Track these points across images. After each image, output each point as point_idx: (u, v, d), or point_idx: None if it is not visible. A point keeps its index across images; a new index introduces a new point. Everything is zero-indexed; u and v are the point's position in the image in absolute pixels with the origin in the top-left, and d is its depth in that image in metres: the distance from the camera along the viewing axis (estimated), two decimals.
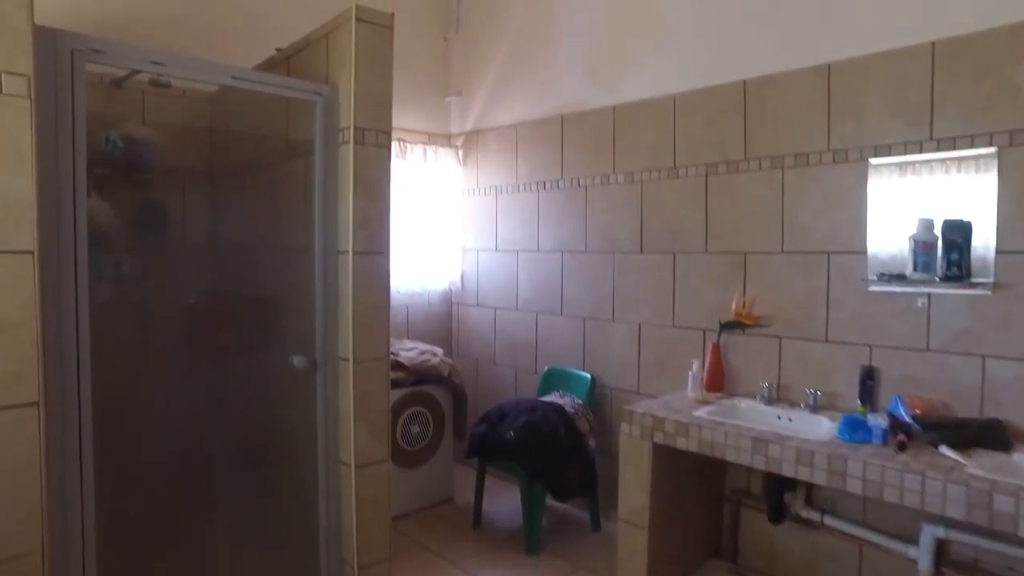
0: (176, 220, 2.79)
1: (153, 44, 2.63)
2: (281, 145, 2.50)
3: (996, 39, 2.12)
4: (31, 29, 1.46)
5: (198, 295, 2.67)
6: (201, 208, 2.82)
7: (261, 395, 2.47)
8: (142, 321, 2.68)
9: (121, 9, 2.76)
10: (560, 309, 3.50)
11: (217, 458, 2.54)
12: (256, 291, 2.56)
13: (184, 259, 2.72)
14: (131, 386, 2.51)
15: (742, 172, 2.75)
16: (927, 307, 2.31)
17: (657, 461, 2.48)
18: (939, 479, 1.78)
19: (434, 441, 3.41)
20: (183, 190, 2.85)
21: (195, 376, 2.61)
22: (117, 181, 2.62)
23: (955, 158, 2.24)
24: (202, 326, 2.62)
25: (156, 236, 2.76)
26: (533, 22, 3.60)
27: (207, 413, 2.56)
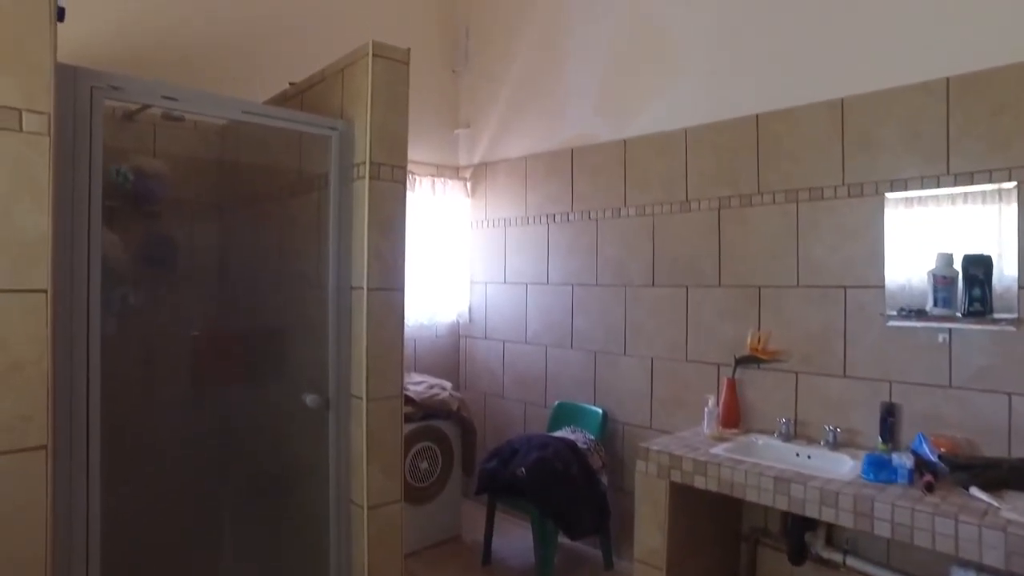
0: (185, 253, 2.77)
1: (169, 77, 2.67)
2: (294, 178, 2.48)
3: (1012, 75, 2.12)
4: (54, 68, 1.45)
5: (207, 329, 2.63)
6: (211, 241, 2.80)
7: (272, 432, 2.42)
8: (150, 355, 2.63)
9: (138, 43, 2.77)
10: (570, 343, 3.46)
11: (227, 497, 2.48)
12: (267, 326, 2.53)
13: (193, 292, 2.69)
14: (138, 422, 2.46)
15: (755, 206, 2.74)
16: (948, 343, 2.27)
17: (674, 500, 2.42)
18: (974, 524, 1.73)
19: (442, 477, 3.35)
20: (193, 222, 2.84)
21: (204, 412, 2.56)
22: (126, 214, 2.61)
23: (973, 192, 2.23)
24: (211, 360, 2.58)
25: (165, 269, 2.73)
26: (542, 55, 3.63)
27: (217, 450, 2.51)
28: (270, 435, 2.43)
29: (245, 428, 2.50)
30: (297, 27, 3.25)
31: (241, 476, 2.50)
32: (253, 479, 2.50)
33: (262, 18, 3.17)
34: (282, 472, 2.38)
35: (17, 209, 1.42)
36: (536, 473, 2.84)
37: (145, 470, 2.33)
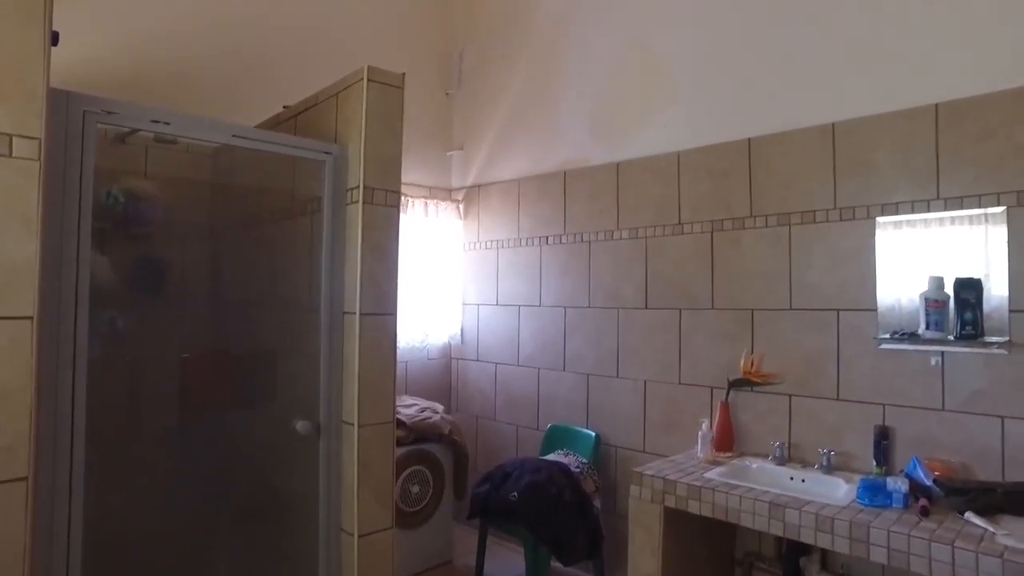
0: (176, 276, 2.74)
1: (164, 99, 2.68)
2: (286, 201, 2.48)
3: (998, 102, 2.15)
4: (46, 93, 1.44)
5: (197, 354, 2.60)
6: (203, 264, 2.78)
7: (262, 459, 2.38)
8: (138, 379, 2.60)
9: (133, 66, 2.78)
10: (563, 365, 3.45)
11: (215, 525, 2.43)
12: (258, 351, 2.50)
13: (184, 316, 2.66)
14: (125, 447, 2.42)
15: (748, 229, 2.75)
16: (941, 366, 2.28)
17: (668, 525, 2.40)
18: (971, 550, 1.72)
19: (434, 501, 3.31)
20: (184, 245, 2.82)
21: (193, 438, 2.52)
22: (117, 236, 2.59)
23: (963, 216, 2.25)
24: (201, 386, 2.54)
25: (155, 292, 2.71)
26: (536, 78, 3.66)
27: (205, 477, 2.46)
28: (260, 462, 2.39)
29: (235, 455, 2.45)
30: (292, 50, 3.27)
31: (230, 503, 2.46)
32: (242, 507, 2.46)
33: (257, 41, 3.19)
34: (272, 499, 2.34)
35: (5, 236, 1.40)
36: (528, 497, 2.81)
37: (131, 497, 2.28)
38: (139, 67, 2.80)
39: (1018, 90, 2.11)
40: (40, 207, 1.45)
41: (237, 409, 2.49)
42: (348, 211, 2.09)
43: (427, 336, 3.84)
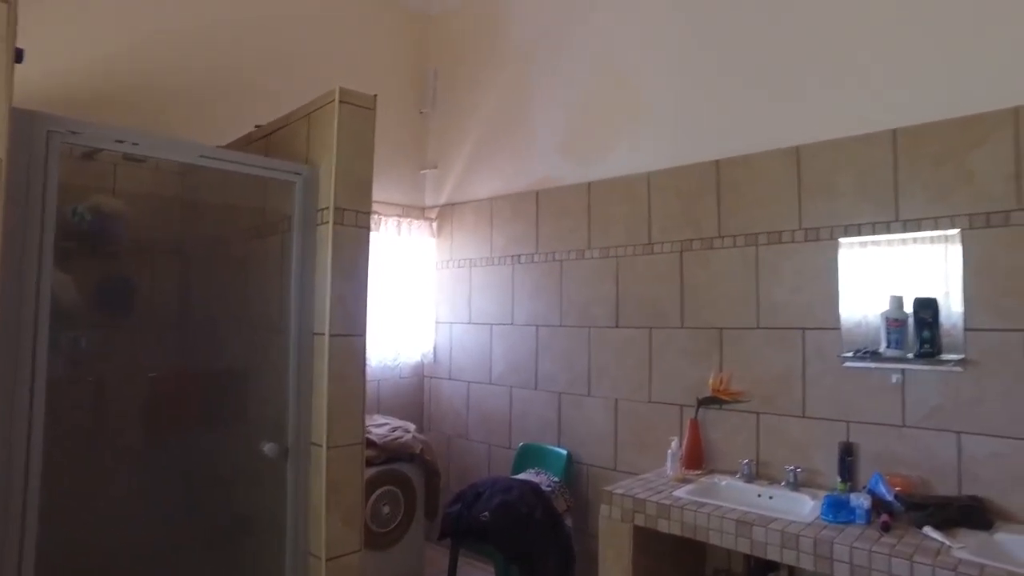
0: (144, 295, 2.71)
1: (133, 118, 2.66)
2: (257, 221, 2.46)
3: (950, 129, 2.23)
4: (8, 113, 1.43)
5: (164, 374, 2.56)
6: (171, 283, 2.74)
7: (229, 482, 2.34)
8: (103, 400, 2.55)
9: (102, 84, 2.76)
10: (535, 383, 3.46)
11: (178, 549, 2.38)
12: (226, 372, 2.47)
13: (151, 336, 2.62)
14: (85, 468, 2.37)
15: (717, 249, 2.80)
16: (902, 383, 2.33)
17: (638, 544, 2.41)
18: (928, 564, 1.76)
19: (405, 521, 3.28)
20: (153, 264, 2.79)
21: (158, 460, 2.48)
22: (83, 254, 2.55)
23: (921, 238, 2.32)
24: (167, 407, 2.50)
25: (122, 311, 2.67)
26: (509, 98, 3.70)
27: (169, 499, 2.42)
28: (227, 484, 2.36)
29: (201, 477, 2.42)
30: (265, 69, 3.27)
31: (196, 527, 2.41)
32: (208, 530, 2.42)
33: (230, 61, 3.19)
34: (238, 523, 2.31)
35: None
36: (500, 517, 2.80)
37: (92, 520, 2.23)
38: (109, 86, 2.78)
39: (967, 118, 2.20)
40: (0, 228, 1.43)
41: (204, 430, 2.45)
42: (318, 232, 2.10)
43: (399, 355, 3.83)
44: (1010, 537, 1.95)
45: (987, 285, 2.17)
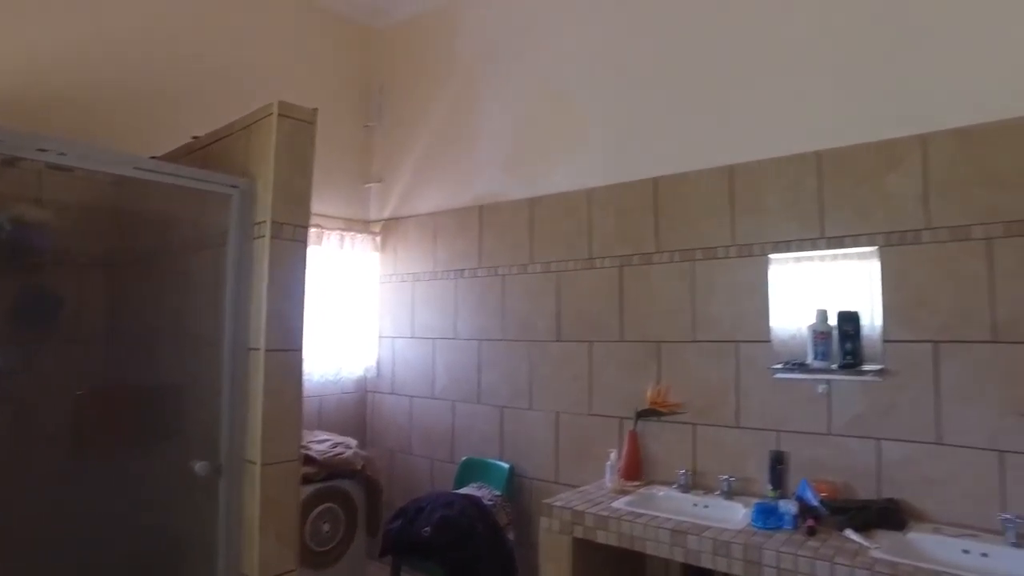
0: (71, 308, 2.61)
1: (66, 126, 2.57)
2: (192, 233, 2.41)
3: (868, 152, 2.37)
4: None
5: (91, 392, 2.47)
6: (100, 296, 2.65)
7: (156, 502, 2.26)
8: (23, 420, 2.44)
9: (34, 91, 2.67)
10: (477, 397, 3.47)
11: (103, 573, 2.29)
12: (157, 387, 2.39)
13: (77, 352, 2.52)
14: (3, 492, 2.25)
15: (655, 264, 2.88)
16: (828, 393, 2.44)
17: (577, 555, 2.43)
18: (847, 565, 1.84)
19: (346, 539, 3.23)
20: (81, 277, 2.69)
21: (80, 483, 2.37)
22: (1, 266, 2.45)
23: (845, 256, 2.44)
24: (92, 426, 2.40)
25: (44, 326, 2.56)
26: (454, 114, 3.73)
27: (93, 521, 2.32)
28: (155, 505, 2.28)
29: (128, 498, 2.33)
30: (206, 80, 3.22)
31: (121, 550, 2.32)
32: (135, 553, 2.33)
33: (170, 69, 3.13)
34: (167, 544, 2.23)
35: None
36: (441, 532, 2.79)
37: (10, 544, 2.12)
38: (41, 93, 2.70)
39: (883, 142, 2.34)
40: None
41: (132, 449, 2.37)
42: (255, 245, 2.07)
43: (341, 369, 3.78)
44: (920, 536, 2.07)
45: (901, 299, 2.30)
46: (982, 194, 2.17)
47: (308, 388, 3.49)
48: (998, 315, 2.14)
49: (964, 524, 2.13)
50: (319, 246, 3.65)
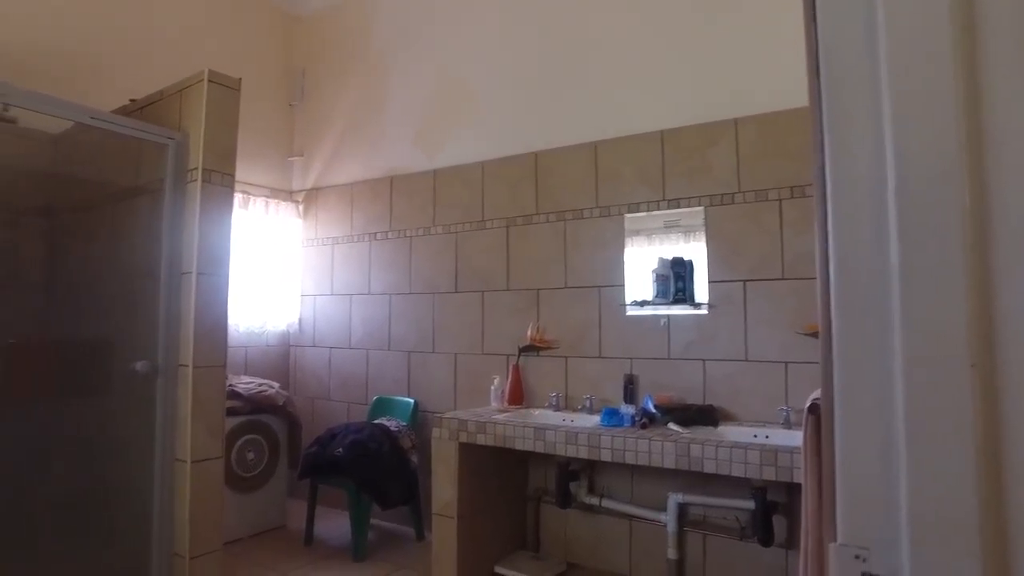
0: (7, 252, 2.90)
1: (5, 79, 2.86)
2: (129, 182, 2.77)
3: (697, 132, 2.97)
4: None
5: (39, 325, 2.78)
6: (40, 245, 2.96)
7: (103, 400, 2.61)
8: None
9: None
10: (388, 345, 3.93)
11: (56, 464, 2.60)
12: (104, 306, 2.72)
13: (22, 291, 2.83)
14: None
15: (535, 224, 3.42)
16: (668, 326, 3.03)
17: (463, 458, 2.93)
18: (659, 440, 2.41)
19: (268, 468, 3.62)
20: (16, 228, 2.98)
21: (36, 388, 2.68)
22: None
23: (681, 214, 3.03)
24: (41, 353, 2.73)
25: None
26: (368, 96, 4.18)
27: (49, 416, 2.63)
28: (102, 403, 2.63)
29: (79, 397, 2.66)
30: (143, 49, 3.54)
31: (68, 445, 2.66)
32: (81, 448, 2.67)
33: (106, 36, 3.42)
34: (113, 434, 2.59)
35: None
36: (351, 452, 3.24)
37: None
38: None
39: (706, 124, 2.94)
40: None
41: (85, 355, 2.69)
42: (188, 189, 2.48)
43: (266, 324, 4.16)
44: (726, 428, 2.67)
45: (721, 248, 2.91)
46: (776, 165, 2.79)
47: (235, 338, 3.88)
48: (787, 258, 2.77)
49: (761, 420, 2.75)
50: (246, 210, 4.03)
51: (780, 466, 2.18)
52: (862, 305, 0.50)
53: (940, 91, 0.51)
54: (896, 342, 0.49)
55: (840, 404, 0.51)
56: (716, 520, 2.81)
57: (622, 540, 3.07)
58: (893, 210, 0.51)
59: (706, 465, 2.30)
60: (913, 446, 0.51)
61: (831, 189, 0.52)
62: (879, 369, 0.51)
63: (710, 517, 2.82)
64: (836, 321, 0.51)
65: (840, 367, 0.51)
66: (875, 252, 0.50)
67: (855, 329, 0.51)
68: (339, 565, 3.18)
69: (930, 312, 0.49)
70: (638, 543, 3.03)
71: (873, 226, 0.51)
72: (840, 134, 0.54)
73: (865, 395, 0.51)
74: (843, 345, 0.51)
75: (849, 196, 0.52)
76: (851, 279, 0.51)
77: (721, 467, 2.28)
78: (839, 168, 0.53)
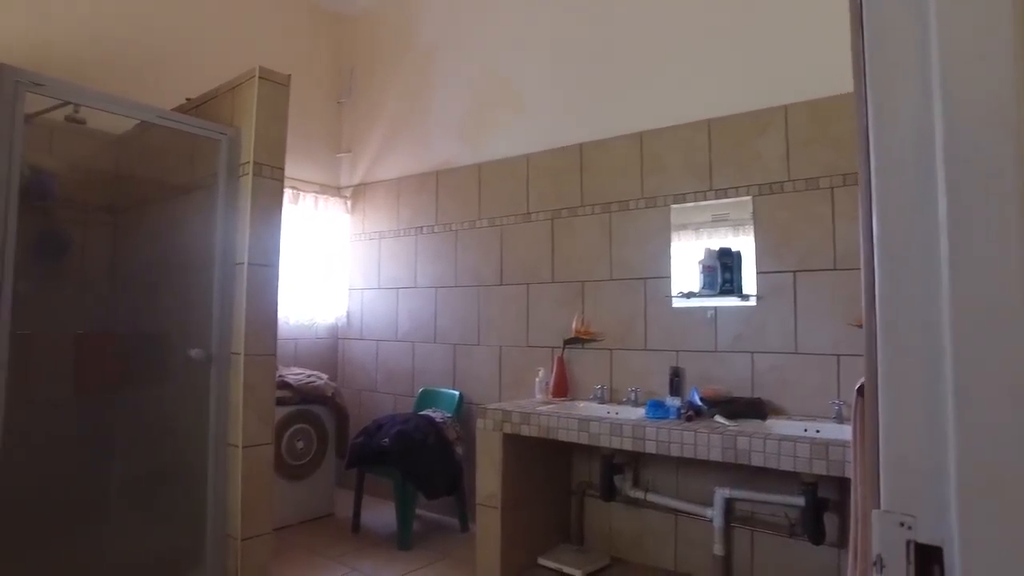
0: (78, 248, 3.06)
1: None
2: (185, 178, 2.88)
3: (745, 120, 2.90)
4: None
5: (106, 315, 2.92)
6: (104, 241, 3.11)
7: (161, 385, 2.72)
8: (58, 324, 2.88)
9: (51, 54, 3.10)
10: (434, 337, 3.97)
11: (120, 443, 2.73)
12: (163, 298, 2.85)
13: (95, 279, 2.97)
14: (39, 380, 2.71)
15: (579, 216, 3.40)
16: (715, 318, 2.97)
17: (507, 449, 2.94)
18: (705, 432, 2.37)
19: (317, 457, 3.71)
20: (86, 222, 3.14)
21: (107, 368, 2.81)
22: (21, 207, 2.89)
23: (728, 204, 2.97)
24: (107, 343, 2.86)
25: (58, 262, 3.01)
26: (414, 92, 4.23)
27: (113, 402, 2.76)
28: (160, 388, 2.75)
29: (138, 384, 2.79)
30: (197, 52, 3.67)
31: (128, 430, 2.79)
32: (139, 432, 2.80)
33: (164, 41, 3.56)
34: (168, 422, 2.71)
35: None
36: (397, 442, 3.29)
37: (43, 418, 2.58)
38: (46, 55, 3.12)
39: (755, 111, 2.87)
40: None
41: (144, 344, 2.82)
42: (240, 182, 2.55)
43: (315, 318, 4.26)
44: (775, 422, 2.61)
45: (770, 238, 2.84)
46: (828, 152, 2.71)
47: (285, 331, 3.97)
48: (838, 248, 2.68)
49: (811, 414, 2.67)
50: (296, 206, 4.13)
51: (831, 460, 2.12)
52: (907, 255, 0.48)
53: (995, 33, 0.49)
54: (944, 295, 0.47)
55: (884, 362, 0.49)
56: (764, 517, 2.74)
57: (667, 535, 3.03)
58: (941, 161, 0.49)
59: (753, 458, 2.25)
60: (962, 406, 0.49)
61: (874, 141, 0.50)
62: (925, 325, 0.49)
63: (758, 513, 2.76)
64: (880, 273, 0.49)
65: (883, 323, 0.49)
66: (921, 203, 0.48)
67: (899, 282, 0.49)
68: (385, 553, 3.23)
69: (981, 263, 0.47)
70: (683, 538, 2.98)
71: (919, 177, 0.49)
72: (884, 87, 0.52)
73: (910, 353, 0.49)
74: (886, 300, 0.49)
75: (894, 146, 0.50)
76: (896, 229, 0.49)
77: (769, 460, 2.23)
78: (883, 121, 0.50)
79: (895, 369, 0.50)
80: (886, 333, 0.51)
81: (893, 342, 0.51)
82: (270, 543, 2.50)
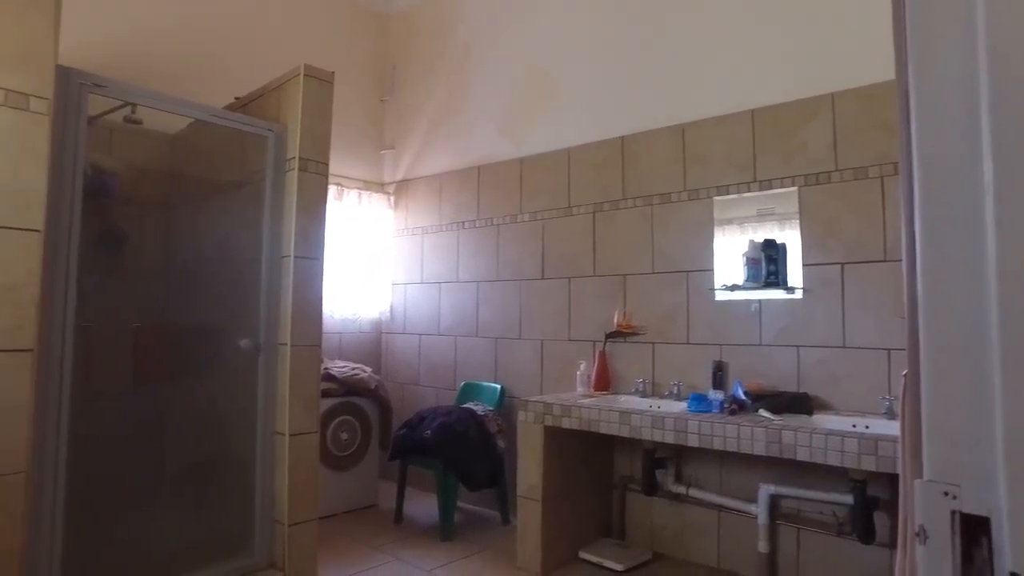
0: (134, 244, 3.19)
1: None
2: (235, 175, 2.97)
3: (790, 109, 2.84)
4: (55, 66, 1.93)
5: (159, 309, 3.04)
6: (158, 236, 3.23)
7: (213, 373, 2.82)
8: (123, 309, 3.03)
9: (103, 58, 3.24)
10: (476, 331, 4.00)
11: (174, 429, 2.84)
12: (215, 291, 2.96)
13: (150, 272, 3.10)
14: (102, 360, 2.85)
15: (621, 209, 3.38)
16: (759, 311, 2.92)
17: (549, 442, 2.94)
18: (749, 426, 2.33)
19: (361, 448, 3.78)
20: (143, 219, 3.27)
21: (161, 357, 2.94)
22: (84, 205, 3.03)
23: (773, 195, 2.92)
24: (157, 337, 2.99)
25: (116, 255, 3.15)
26: (455, 89, 4.26)
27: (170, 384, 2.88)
28: (211, 376, 2.85)
29: (192, 374, 2.90)
30: (245, 52, 3.78)
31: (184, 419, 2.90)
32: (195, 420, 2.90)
33: (215, 38, 3.68)
34: (219, 408, 2.80)
35: (23, 168, 1.88)
36: (439, 434, 3.32)
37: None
38: (112, 59, 3.26)
39: (801, 100, 2.81)
40: (49, 150, 1.93)
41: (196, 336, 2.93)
42: (287, 177, 2.61)
43: (359, 312, 4.34)
44: (822, 417, 2.55)
45: (816, 229, 2.78)
46: (876, 140, 2.63)
47: (329, 325, 4.06)
48: (888, 239, 2.60)
49: (860, 410, 2.60)
50: (340, 202, 4.21)
51: (881, 455, 2.06)
52: (950, 215, 0.47)
53: None
54: (990, 256, 0.46)
55: (925, 328, 0.48)
56: (811, 514, 2.69)
57: (710, 531, 2.99)
58: (986, 121, 0.47)
59: (799, 452, 2.20)
60: (1010, 372, 0.48)
61: (915, 99, 0.49)
62: (969, 287, 0.47)
63: (804, 511, 2.70)
64: (921, 235, 0.48)
65: (925, 285, 0.48)
66: (965, 164, 0.47)
67: (941, 242, 0.48)
68: (427, 543, 3.27)
69: None
70: (727, 534, 2.94)
71: (963, 137, 0.48)
72: (925, 40, 0.51)
73: (954, 317, 0.48)
74: (928, 262, 0.48)
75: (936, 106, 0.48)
76: (938, 193, 0.48)
77: (815, 455, 2.18)
78: (924, 76, 0.49)
79: (938, 334, 0.49)
80: (929, 298, 0.50)
81: (936, 307, 0.50)
82: (315, 530, 2.56)
